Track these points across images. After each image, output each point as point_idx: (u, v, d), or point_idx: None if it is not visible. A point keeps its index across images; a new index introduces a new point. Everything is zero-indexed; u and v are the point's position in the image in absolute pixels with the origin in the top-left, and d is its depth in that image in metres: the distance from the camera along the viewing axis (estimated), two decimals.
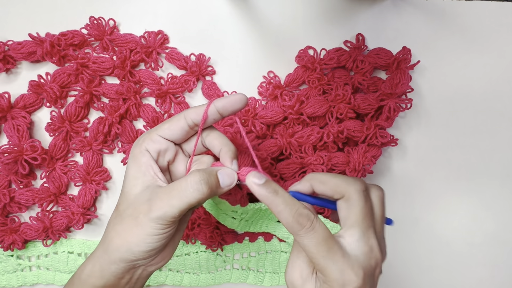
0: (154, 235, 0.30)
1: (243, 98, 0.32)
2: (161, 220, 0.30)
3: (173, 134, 0.33)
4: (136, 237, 0.30)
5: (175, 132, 0.33)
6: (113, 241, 0.31)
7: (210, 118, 0.33)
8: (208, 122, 0.33)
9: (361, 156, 0.46)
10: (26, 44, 0.46)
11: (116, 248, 0.31)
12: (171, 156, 0.34)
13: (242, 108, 0.33)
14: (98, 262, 0.32)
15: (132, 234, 0.30)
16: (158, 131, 0.33)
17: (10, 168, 0.46)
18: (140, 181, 0.32)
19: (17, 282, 0.51)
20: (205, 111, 0.32)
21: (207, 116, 0.32)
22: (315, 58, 0.47)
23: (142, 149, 0.33)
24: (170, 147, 0.34)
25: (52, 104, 0.47)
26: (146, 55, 0.47)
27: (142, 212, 0.30)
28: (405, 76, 0.46)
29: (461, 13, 0.48)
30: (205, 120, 0.33)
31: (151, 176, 0.32)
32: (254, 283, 0.52)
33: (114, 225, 0.32)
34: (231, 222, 0.46)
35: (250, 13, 0.47)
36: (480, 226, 0.53)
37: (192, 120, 0.33)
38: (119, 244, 0.31)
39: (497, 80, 0.50)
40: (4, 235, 0.48)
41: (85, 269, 0.33)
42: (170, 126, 0.33)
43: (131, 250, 0.30)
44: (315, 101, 0.46)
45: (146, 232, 0.30)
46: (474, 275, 0.53)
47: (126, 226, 0.31)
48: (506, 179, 0.52)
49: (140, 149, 0.33)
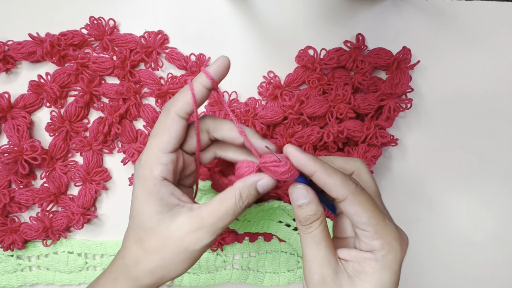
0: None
1: (227, 61, 0.29)
2: (209, 246, 0.30)
3: (178, 141, 0.30)
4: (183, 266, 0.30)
5: (179, 138, 0.30)
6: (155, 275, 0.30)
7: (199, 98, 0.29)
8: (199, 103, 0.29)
9: (361, 156, 0.46)
10: (26, 44, 0.46)
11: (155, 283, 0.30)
12: (181, 164, 0.31)
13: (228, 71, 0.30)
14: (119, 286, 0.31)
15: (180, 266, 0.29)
16: (162, 148, 0.29)
17: (10, 168, 0.46)
18: (166, 215, 0.29)
19: (17, 282, 0.51)
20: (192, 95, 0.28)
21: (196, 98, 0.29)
22: (315, 58, 0.47)
23: (157, 180, 0.29)
24: (179, 155, 0.31)
25: (52, 104, 0.47)
26: (146, 55, 0.47)
27: (192, 243, 0.29)
28: (405, 76, 0.46)
29: (461, 13, 0.48)
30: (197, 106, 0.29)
31: (176, 204, 0.29)
32: (254, 283, 0.52)
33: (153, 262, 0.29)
34: (233, 222, 0.46)
35: (250, 13, 0.47)
36: (480, 226, 0.53)
37: (185, 112, 0.29)
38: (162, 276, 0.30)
39: (497, 80, 0.50)
40: (4, 235, 0.48)
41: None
42: (171, 135, 0.29)
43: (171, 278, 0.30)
44: (315, 101, 0.46)
45: (193, 263, 0.30)
46: (474, 275, 0.53)
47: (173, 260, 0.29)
48: (506, 179, 0.52)
49: (155, 181, 0.29)
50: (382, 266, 0.27)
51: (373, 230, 0.28)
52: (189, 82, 0.29)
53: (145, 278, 0.30)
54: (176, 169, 0.31)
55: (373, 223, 0.28)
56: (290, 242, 0.50)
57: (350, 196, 0.28)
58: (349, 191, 0.28)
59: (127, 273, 0.30)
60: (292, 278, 0.52)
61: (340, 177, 0.28)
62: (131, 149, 0.47)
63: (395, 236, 0.28)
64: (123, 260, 0.30)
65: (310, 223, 0.29)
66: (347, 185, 0.28)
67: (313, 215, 0.29)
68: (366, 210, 0.28)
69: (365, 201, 0.28)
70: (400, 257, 0.28)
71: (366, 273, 0.28)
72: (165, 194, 0.29)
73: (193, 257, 0.29)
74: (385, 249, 0.28)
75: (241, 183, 0.30)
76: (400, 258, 0.28)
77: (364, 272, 0.28)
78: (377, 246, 0.28)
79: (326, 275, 0.28)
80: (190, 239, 0.29)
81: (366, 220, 0.28)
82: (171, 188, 0.29)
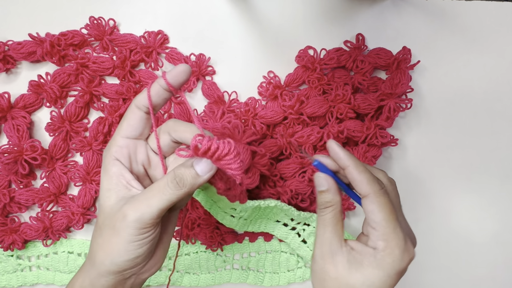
0: (134, 242, 0.29)
1: (186, 68, 0.30)
2: (138, 223, 0.28)
3: (136, 128, 0.32)
4: (116, 246, 0.29)
5: (136, 126, 0.32)
6: (97, 255, 0.30)
7: (159, 98, 0.31)
8: (159, 103, 0.31)
9: (361, 156, 0.46)
10: (26, 44, 0.46)
11: (101, 262, 0.30)
12: (144, 157, 0.33)
13: (187, 79, 0.31)
14: (87, 277, 0.31)
15: (112, 244, 0.29)
16: (121, 133, 0.32)
17: (10, 168, 0.46)
18: (113, 193, 0.30)
19: (17, 282, 0.51)
20: (148, 91, 0.31)
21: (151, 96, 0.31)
22: (315, 58, 0.47)
23: (111, 158, 0.31)
24: (139, 146, 0.32)
25: (52, 104, 0.47)
26: (146, 55, 0.47)
27: (118, 220, 0.29)
28: (405, 76, 0.46)
29: (461, 13, 0.48)
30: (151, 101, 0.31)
31: (123, 186, 0.31)
32: (254, 283, 0.52)
33: (96, 239, 0.31)
34: (229, 220, 0.46)
35: (250, 13, 0.47)
36: (480, 226, 0.53)
37: (144, 105, 0.31)
38: (102, 257, 0.30)
39: (497, 80, 0.50)
40: (4, 235, 0.48)
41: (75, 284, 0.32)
42: (129, 122, 0.32)
43: (115, 262, 0.29)
44: (315, 101, 0.46)
45: (125, 240, 0.29)
46: (474, 275, 0.53)
47: (105, 237, 0.30)
48: (506, 179, 0.52)
49: (109, 159, 0.31)
50: (377, 265, 0.29)
51: (382, 231, 0.30)
52: (150, 82, 0.31)
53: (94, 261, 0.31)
54: (135, 158, 0.32)
55: (384, 225, 0.30)
56: (288, 242, 0.50)
57: (372, 194, 0.30)
58: (372, 190, 0.30)
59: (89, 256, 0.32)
60: (292, 278, 0.52)
61: (369, 176, 0.31)
62: None
63: (400, 244, 0.30)
64: None
65: (324, 208, 0.32)
66: (372, 185, 0.30)
67: (328, 202, 0.32)
68: (381, 211, 0.30)
69: (383, 203, 0.30)
70: (398, 266, 0.29)
71: (362, 265, 0.30)
72: (115, 173, 0.31)
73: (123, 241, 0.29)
74: (385, 252, 0.29)
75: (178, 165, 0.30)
76: (398, 267, 0.29)
77: (361, 263, 0.30)
78: (380, 246, 0.30)
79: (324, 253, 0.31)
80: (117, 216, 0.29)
81: (379, 220, 0.30)
82: (122, 169, 0.31)
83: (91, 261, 0.31)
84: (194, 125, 0.32)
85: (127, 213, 0.29)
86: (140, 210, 0.29)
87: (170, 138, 0.33)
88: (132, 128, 0.32)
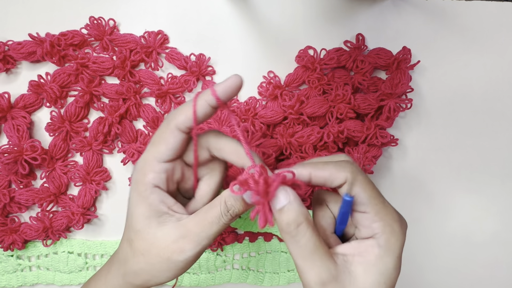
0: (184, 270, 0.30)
1: (238, 81, 0.28)
2: (197, 257, 0.30)
3: (176, 152, 0.30)
4: (166, 274, 0.30)
5: (176, 150, 0.30)
6: (140, 277, 0.30)
7: (202, 115, 0.29)
8: (201, 121, 0.29)
9: (361, 156, 0.46)
10: (26, 44, 0.46)
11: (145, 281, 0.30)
12: (179, 175, 0.31)
13: (238, 91, 0.28)
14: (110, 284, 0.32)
15: (162, 273, 0.30)
16: (157, 157, 0.29)
17: (10, 168, 0.46)
18: (154, 220, 0.29)
19: (17, 282, 0.51)
20: (194, 108, 0.27)
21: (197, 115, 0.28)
22: (315, 58, 0.47)
23: (148, 186, 0.29)
24: (176, 166, 0.31)
25: (52, 104, 0.47)
26: (146, 55, 0.47)
27: (175, 253, 0.29)
28: (405, 76, 0.46)
29: (461, 13, 0.48)
30: (197, 122, 0.28)
31: (165, 212, 0.29)
32: (254, 283, 0.52)
33: (137, 264, 0.30)
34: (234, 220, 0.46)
35: (250, 13, 0.47)
36: (480, 226, 0.53)
37: (186, 126, 0.29)
38: (147, 279, 0.30)
39: (497, 80, 0.50)
40: (4, 235, 0.48)
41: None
42: (168, 146, 0.29)
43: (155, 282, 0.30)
44: (315, 101, 0.46)
45: (178, 273, 0.30)
46: (474, 275, 0.53)
47: (156, 266, 0.29)
48: (506, 179, 0.52)
49: (147, 186, 0.29)
50: (386, 251, 0.26)
51: (373, 210, 0.27)
52: (194, 97, 0.28)
53: (130, 276, 0.30)
54: (172, 178, 0.31)
55: (373, 203, 0.27)
56: None
57: (349, 175, 0.27)
58: (347, 171, 0.27)
59: (118, 268, 0.31)
60: (292, 278, 0.52)
61: (334, 164, 0.28)
62: (131, 149, 0.47)
63: (395, 218, 0.27)
64: (117, 255, 0.32)
65: (295, 228, 0.26)
66: (343, 168, 0.27)
67: (297, 217, 0.26)
68: (365, 190, 0.27)
69: (363, 181, 0.27)
70: (401, 241, 0.27)
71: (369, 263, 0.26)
72: (154, 200, 0.29)
73: (176, 268, 0.29)
74: (386, 232, 0.27)
75: (228, 192, 0.29)
76: (402, 242, 0.27)
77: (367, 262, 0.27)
78: (378, 228, 0.27)
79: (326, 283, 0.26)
80: (173, 249, 0.29)
81: (366, 201, 0.27)
82: (162, 195, 0.30)
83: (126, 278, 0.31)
84: (238, 143, 0.30)
85: (185, 248, 0.29)
86: (200, 244, 0.29)
87: (209, 154, 0.31)
88: (171, 153, 0.29)
